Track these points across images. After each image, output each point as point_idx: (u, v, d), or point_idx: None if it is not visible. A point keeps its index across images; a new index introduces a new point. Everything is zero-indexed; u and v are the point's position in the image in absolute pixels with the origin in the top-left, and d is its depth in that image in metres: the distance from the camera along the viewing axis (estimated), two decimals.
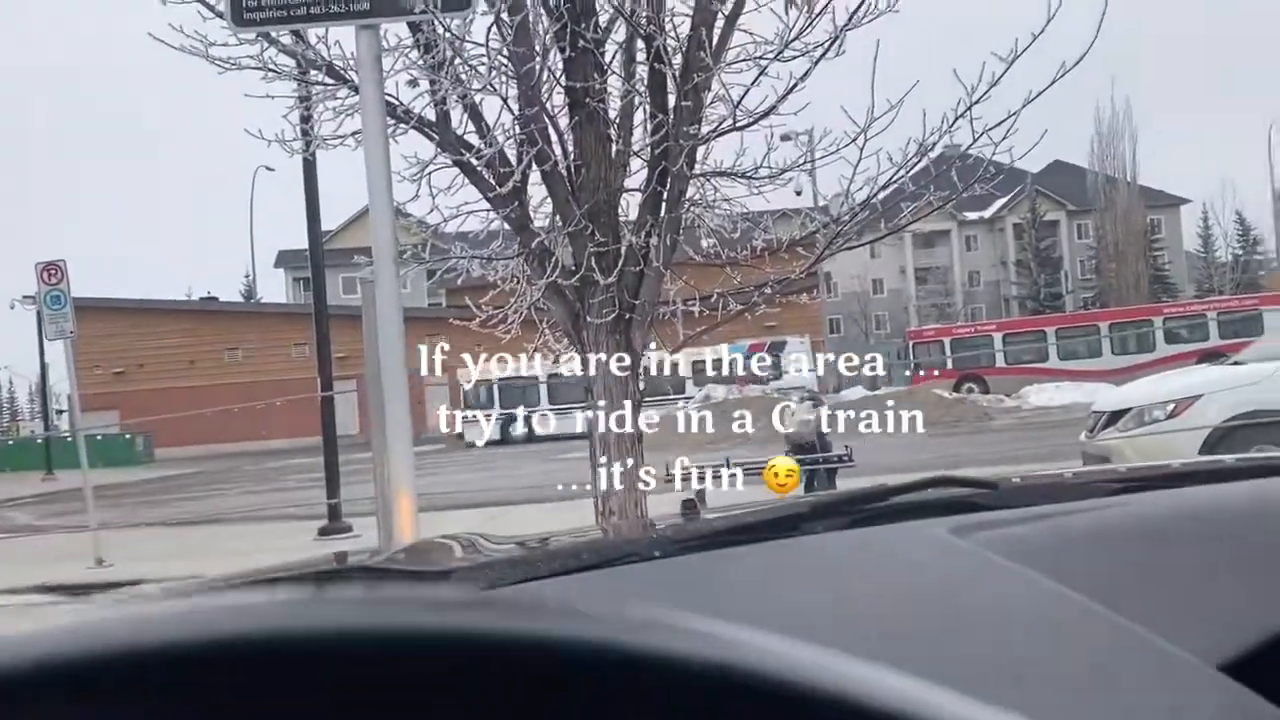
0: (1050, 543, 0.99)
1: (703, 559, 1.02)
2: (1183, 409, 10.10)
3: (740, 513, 1.32)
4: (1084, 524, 1.04)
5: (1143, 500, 1.13)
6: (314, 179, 14.24)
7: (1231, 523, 1.07)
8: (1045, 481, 1.42)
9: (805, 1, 4.16)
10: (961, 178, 5.04)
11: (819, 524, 1.07)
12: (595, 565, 1.01)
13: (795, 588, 0.95)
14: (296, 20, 4.06)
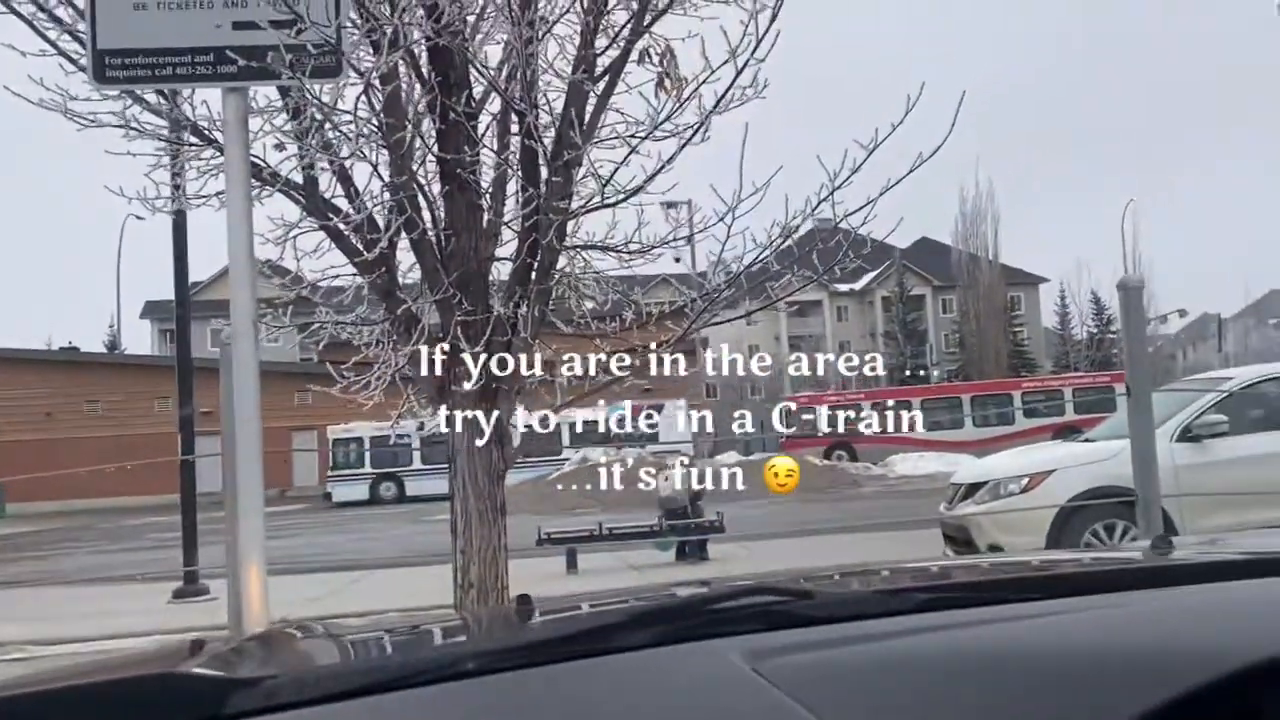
0: (851, 670, 1.00)
1: (484, 685, 1.02)
2: (1036, 483, 10.44)
3: (561, 618, 1.33)
4: (897, 651, 1.04)
5: (963, 619, 1.14)
6: (183, 233, 13.94)
7: (1058, 664, 1.04)
8: (860, 592, 1.45)
9: (674, 86, 4.26)
10: (830, 253, 5.17)
11: (626, 637, 1.08)
12: (401, 682, 1.01)
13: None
14: (162, 80, 4.00)
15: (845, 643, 1.06)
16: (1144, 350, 5.44)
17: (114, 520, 35.25)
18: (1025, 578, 1.49)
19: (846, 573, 1.64)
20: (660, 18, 4.44)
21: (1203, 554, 1.62)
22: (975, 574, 1.61)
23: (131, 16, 3.95)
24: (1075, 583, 1.35)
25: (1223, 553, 1.61)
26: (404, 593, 12.77)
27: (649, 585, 11.46)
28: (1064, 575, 1.50)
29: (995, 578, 1.47)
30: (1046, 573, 1.58)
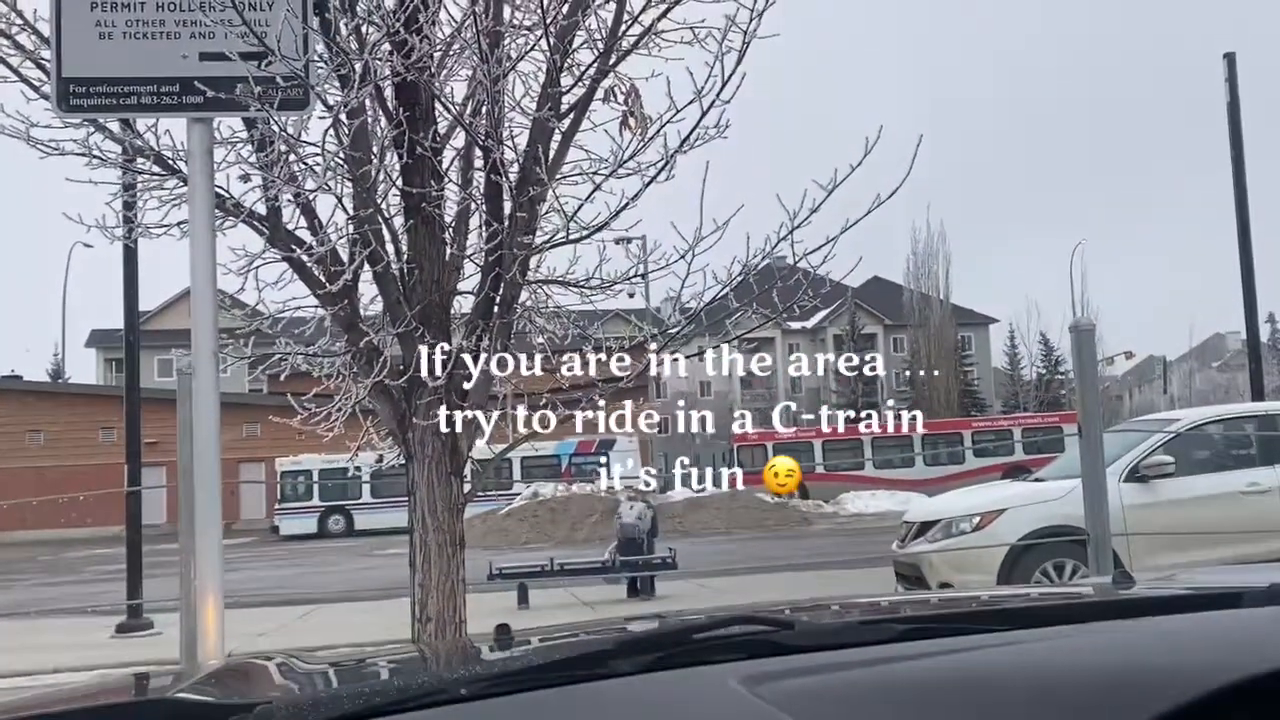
0: (844, 695, 1.02)
1: (485, 708, 1.03)
2: (987, 522, 10.55)
3: (545, 646, 1.33)
4: (876, 678, 1.07)
5: (944, 647, 1.16)
6: (134, 263, 13.78)
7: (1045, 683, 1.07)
8: (843, 622, 1.48)
9: (638, 125, 4.31)
10: (787, 291, 5.22)
11: (620, 663, 1.10)
12: (400, 706, 1.02)
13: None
14: (127, 109, 4.00)
15: (836, 669, 1.09)
16: (1095, 392, 5.54)
17: (55, 553, 34.58)
18: (1003, 609, 1.52)
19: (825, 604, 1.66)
20: (625, 58, 4.49)
21: (1163, 588, 1.66)
22: (951, 606, 1.64)
23: (97, 45, 3.95)
24: (1049, 614, 1.38)
25: (1182, 587, 1.65)
26: (354, 627, 12.64)
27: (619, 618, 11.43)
28: (1038, 607, 1.54)
29: (973, 609, 1.50)
30: (1020, 604, 1.62)
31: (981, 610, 1.47)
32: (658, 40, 4.50)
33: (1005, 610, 1.47)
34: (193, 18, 3.88)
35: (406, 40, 4.05)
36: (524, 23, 4.67)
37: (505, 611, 13.27)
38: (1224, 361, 76.58)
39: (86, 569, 26.92)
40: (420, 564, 4.57)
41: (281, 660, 1.55)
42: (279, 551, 31.38)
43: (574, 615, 13.39)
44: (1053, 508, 10.12)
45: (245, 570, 22.66)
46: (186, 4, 3.91)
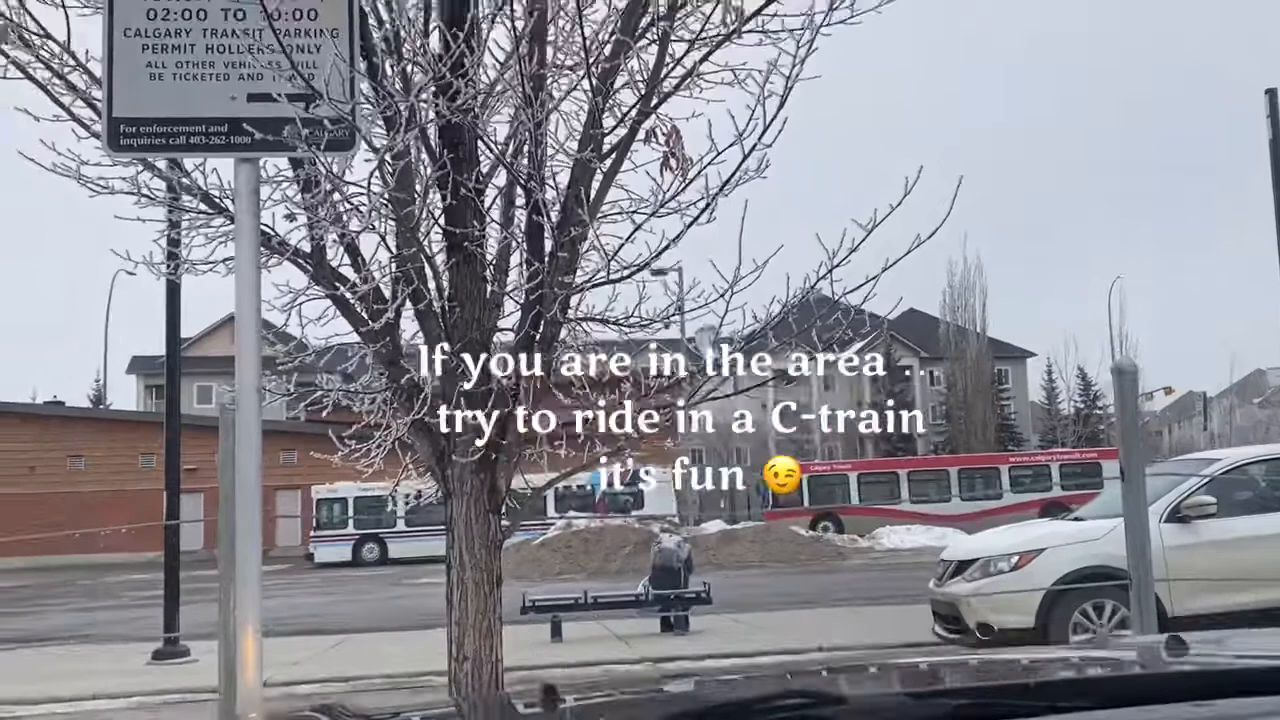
0: None
1: None
2: (1026, 561, 10.45)
3: (598, 705, 1.32)
4: None
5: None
6: (176, 297, 13.95)
7: None
8: (895, 694, 1.45)
9: (679, 165, 4.33)
10: (822, 330, 5.22)
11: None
12: None
13: None
14: (176, 149, 4.06)
15: None
16: (1138, 433, 5.49)
17: (93, 577, 34.88)
18: (1058, 681, 1.49)
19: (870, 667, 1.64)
20: (667, 99, 4.53)
21: (1222, 659, 1.62)
22: (1001, 677, 1.61)
23: (148, 86, 4.01)
24: (1107, 690, 1.36)
25: (1238, 653, 1.61)
26: (387, 658, 12.66)
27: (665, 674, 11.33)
28: (1091, 680, 1.51)
29: (1022, 682, 1.48)
30: (1074, 676, 1.58)
31: (1035, 684, 1.44)
32: (699, 82, 4.54)
33: (1060, 682, 1.44)
34: (241, 60, 3.94)
35: (452, 83, 4.10)
36: (566, 64, 4.72)
37: (539, 645, 13.25)
38: (1265, 397, 75.57)
39: (125, 594, 27.14)
40: (457, 601, 4.58)
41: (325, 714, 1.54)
42: (313, 579, 31.50)
43: (608, 649, 13.34)
44: (1093, 548, 10.01)
45: (279, 598, 22.75)
46: (235, 46, 3.97)
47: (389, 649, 13.93)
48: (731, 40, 4.42)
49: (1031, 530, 12.14)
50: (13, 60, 4.24)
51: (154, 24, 3.96)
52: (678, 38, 4.51)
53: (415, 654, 11.82)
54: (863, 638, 12.64)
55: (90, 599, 27.42)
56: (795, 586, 23.02)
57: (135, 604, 22.56)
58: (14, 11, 4.23)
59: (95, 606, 25.00)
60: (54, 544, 38.11)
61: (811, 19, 4.15)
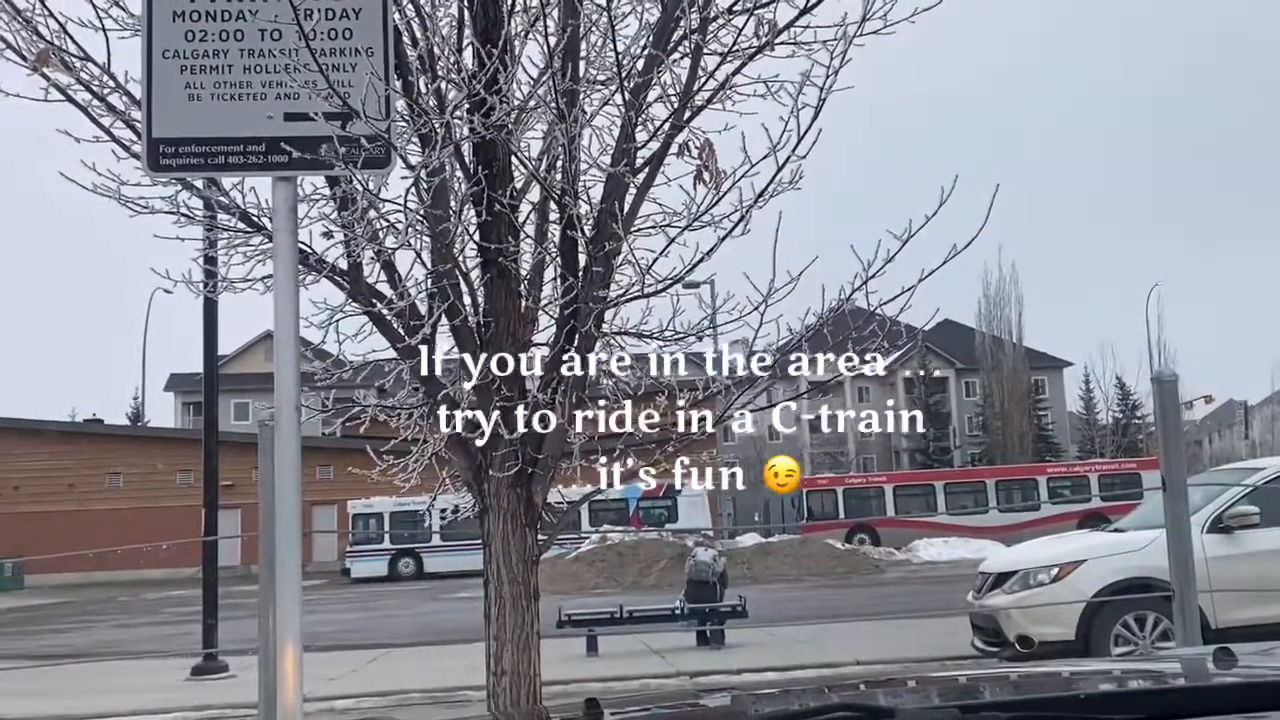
0: None
1: None
2: (1066, 573, 10.35)
3: (636, 715, 1.31)
4: None
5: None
6: (214, 314, 14.07)
7: None
8: (942, 707, 1.43)
9: (712, 179, 4.33)
10: (857, 341, 5.20)
11: None
12: None
13: None
14: (214, 168, 4.09)
15: None
16: (1180, 443, 5.43)
17: (132, 593, 35.19)
18: (1103, 694, 1.47)
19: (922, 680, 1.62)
20: (700, 112, 4.53)
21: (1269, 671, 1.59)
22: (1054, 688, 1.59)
23: (186, 106, 4.05)
24: (1156, 703, 1.34)
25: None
26: (424, 673, 12.68)
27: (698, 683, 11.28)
28: (1141, 693, 1.48)
29: (1073, 693, 1.46)
30: (1125, 687, 1.56)
31: (1086, 696, 1.42)
32: (732, 95, 4.54)
33: (1113, 695, 1.42)
34: (278, 79, 3.97)
35: (486, 99, 4.12)
36: (599, 78, 4.73)
37: (575, 659, 13.24)
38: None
39: (163, 610, 27.36)
40: (495, 616, 4.58)
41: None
42: (349, 594, 31.63)
43: (643, 664, 13.32)
44: (1134, 559, 9.91)
45: (316, 614, 22.86)
46: (272, 66, 4.01)
47: (426, 664, 13.97)
48: (764, 52, 4.41)
49: (1072, 541, 12.03)
50: (53, 83, 4.30)
51: (192, 45, 4.01)
52: (710, 51, 4.51)
53: (452, 669, 11.84)
54: (901, 651, 12.55)
55: (129, 615, 27.67)
56: (831, 600, 22.90)
57: (174, 620, 22.74)
58: (55, 35, 4.29)
59: (134, 623, 25.22)
60: (95, 561, 38.48)
61: (844, 30, 4.14)
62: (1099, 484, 38.85)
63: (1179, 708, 1.24)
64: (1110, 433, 66.92)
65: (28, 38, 4.23)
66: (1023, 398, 63.59)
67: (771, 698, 1.41)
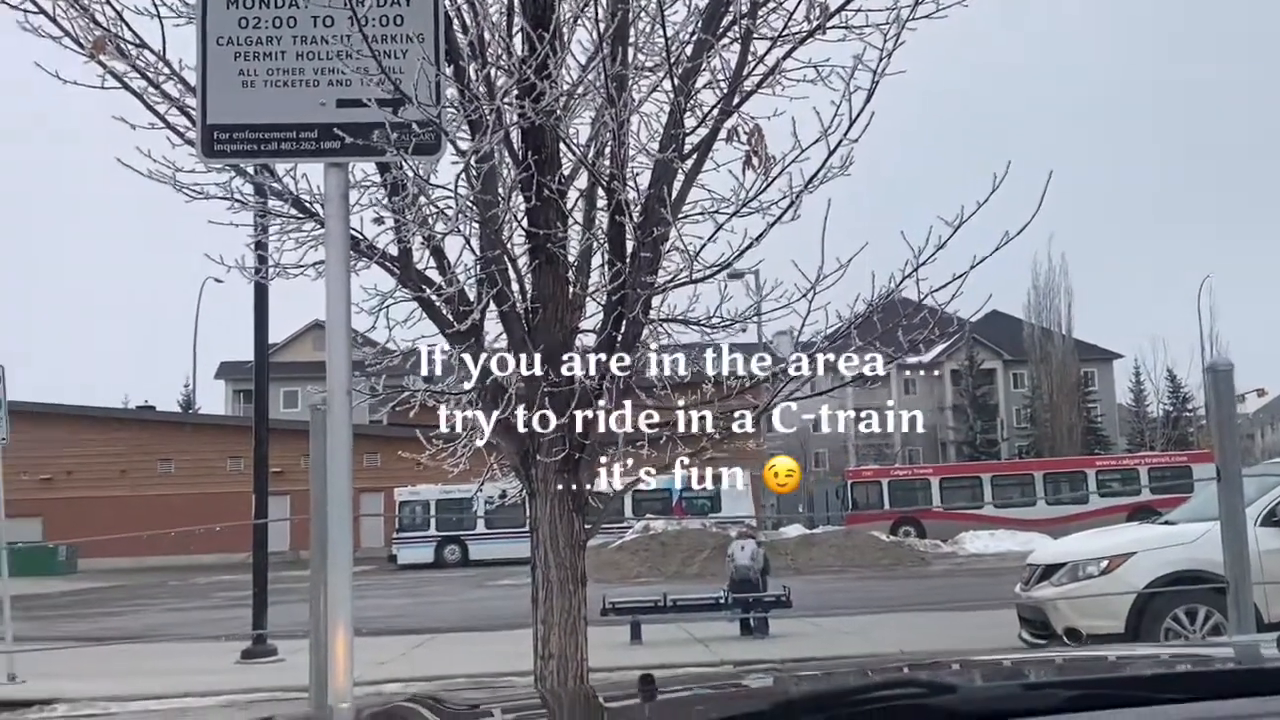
0: None
1: None
2: (1116, 565, 10.24)
3: (693, 697, 1.31)
4: None
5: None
6: (264, 301, 14.21)
7: None
8: (1004, 686, 1.41)
9: (762, 164, 4.31)
10: (906, 330, 5.16)
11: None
12: None
13: None
14: (267, 155, 4.14)
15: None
16: (1234, 434, 5.34)
17: (184, 578, 35.69)
18: (1176, 674, 1.45)
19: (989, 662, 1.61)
20: (749, 98, 4.51)
21: None
22: (1115, 670, 1.57)
23: (240, 93, 4.09)
24: (1221, 683, 1.31)
25: None
26: (470, 659, 12.77)
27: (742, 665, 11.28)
28: (1212, 672, 1.46)
29: (1134, 674, 1.44)
30: (1190, 669, 1.54)
31: (1149, 676, 1.40)
32: (782, 80, 4.51)
33: (1178, 675, 1.40)
34: (331, 66, 4.00)
35: (535, 85, 4.13)
36: (648, 65, 4.72)
37: (619, 647, 13.27)
38: None
39: (214, 594, 27.73)
40: (542, 600, 4.61)
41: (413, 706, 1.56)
42: (396, 580, 31.90)
43: (687, 653, 13.33)
44: (1185, 552, 9.78)
45: (364, 599, 23.08)
46: (325, 53, 4.04)
47: (472, 649, 14.06)
48: (815, 36, 4.39)
49: (1121, 534, 11.90)
50: (110, 70, 4.35)
51: (245, 32, 4.05)
52: (760, 35, 4.49)
53: (498, 654, 11.90)
54: (947, 644, 12.46)
55: (181, 599, 28.08)
56: (876, 591, 22.81)
57: (225, 604, 23.04)
58: (111, 22, 4.34)
59: (186, 607, 25.59)
60: (146, 545, 39.03)
61: (897, 13, 4.11)
62: (1149, 477, 38.38)
63: (1242, 688, 1.23)
64: (1160, 426, 66.06)
65: (85, 25, 4.29)
66: (1072, 390, 62.84)
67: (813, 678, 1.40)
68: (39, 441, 45.38)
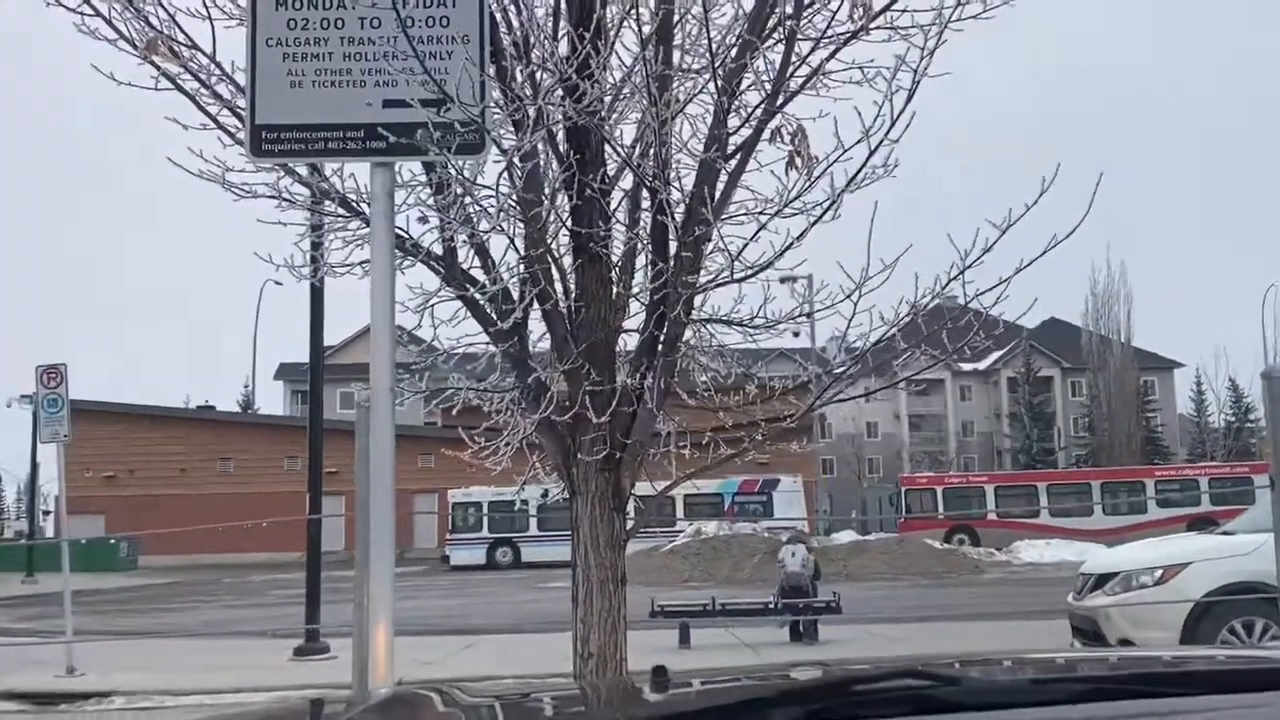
0: None
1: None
2: (1170, 576, 10.06)
3: (704, 690, 1.32)
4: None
5: (1113, 710, 1.10)
6: (320, 302, 14.40)
7: None
8: (1013, 680, 1.41)
9: (805, 164, 4.30)
10: (956, 333, 5.12)
11: (778, 712, 1.08)
12: None
13: None
14: (314, 154, 4.20)
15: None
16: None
17: (240, 576, 36.19)
18: (1190, 671, 1.42)
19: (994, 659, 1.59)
20: (793, 99, 4.50)
21: None
22: (1131, 666, 1.55)
23: (288, 94, 4.16)
24: (1243, 678, 1.29)
25: None
26: (517, 660, 12.82)
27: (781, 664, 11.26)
28: (1230, 670, 1.44)
29: (1156, 670, 1.42)
30: (1209, 666, 1.51)
31: (1166, 672, 1.38)
32: (825, 80, 4.50)
33: (1192, 673, 1.37)
34: (377, 66, 4.06)
35: (579, 85, 4.15)
36: (692, 66, 4.73)
37: (667, 650, 13.26)
38: None
39: (269, 592, 28.09)
40: (582, 599, 4.62)
41: (446, 691, 1.58)
42: (446, 582, 32.12)
43: (735, 657, 13.30)
44: (1242, 563, 9.59)
45: (415, 599, 23.25)
46: (371, 54, 4.10)
47: (520, 651, 14.12)
48: (859, 37, 4.37)
49: (1176, 544, 11.69)
50: (163, 71, 4.44)
51: (294, 33, 4.11)
52: (804, 36, 4.48)
53: (544, 655, 11.93)
54: (996, 650, 12.32)
55: (236, 596, 28.47)
56: (929, 599, 22.61)
57: (279, 602, 23.32)
58: (164, 24, 4.43)
59: (241, 604, 25.94)
60: (205, 543, 39.63)
61: (941, 13, 4.09)
62: (1209, 487, 37.67)
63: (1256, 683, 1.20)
64: (1222, 436, 64.86)
65: (139, 27, 4.38)
66: (1131, 399, 61.88)
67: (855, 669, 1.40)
68: (103, 440, 46.35)
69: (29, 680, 12.04)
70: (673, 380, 4.81)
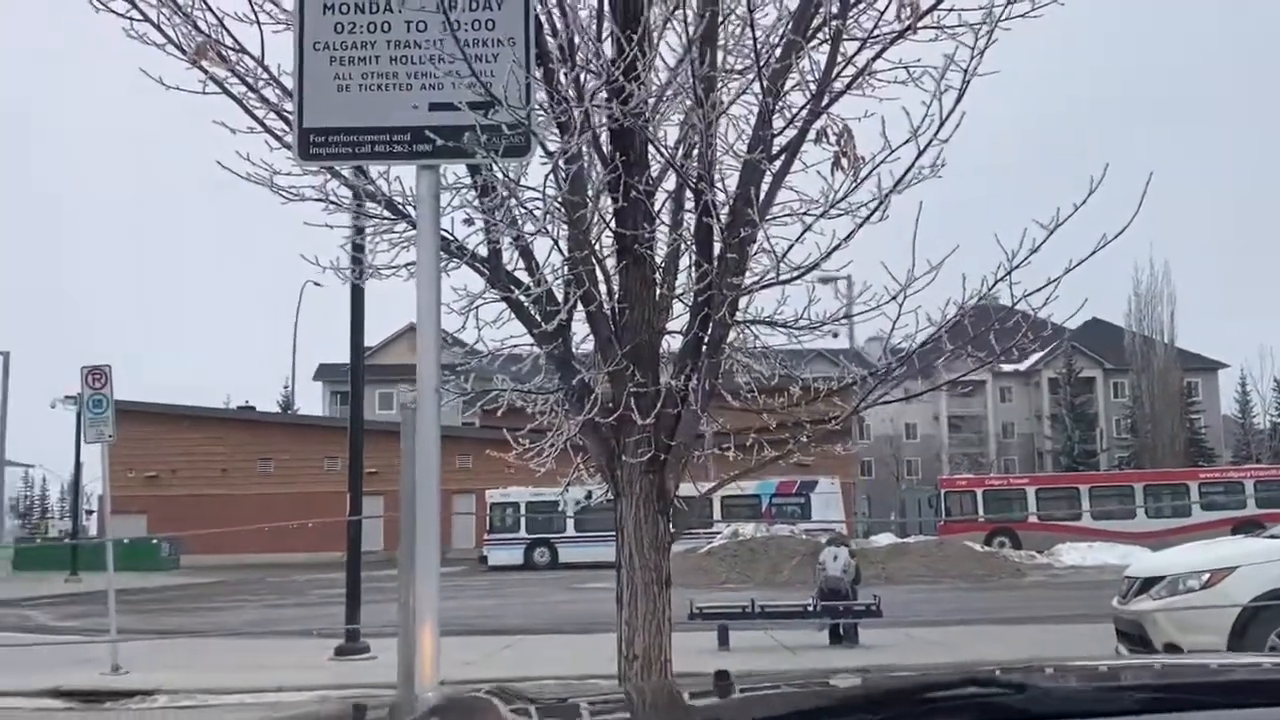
0: None
1: None
2: (1218, 580, 9.93)
3: (767, 696, 1.31)
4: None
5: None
6: (361, 303, 14.48)
7: None
8: (1075, 687, 1.39)
9: (851, 166, 4.28)
10: (1003, 335, 5.08)
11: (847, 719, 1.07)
12: None
13: None
14: (361, 157, 4.23)
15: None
16: None
17: (282, 575, 36.48)
18: (1253, 681, 1.40)
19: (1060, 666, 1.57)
20: (838, 99, 4.48)
21: None
22: (1195, 675, 1.52)
23: (335, 97, 4.18)
24: None
25: None
26: (556, 661, 12.85)
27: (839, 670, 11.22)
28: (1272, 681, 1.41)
29: (1220, 680, 1.39)
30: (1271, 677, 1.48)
31: (1230, 682, 1.35)
32: (871, 81, 4.47)
33: (1256, 683, 1.35)
34: (423, 70, 4.07)
35: (624, 87, 4.15)
36: (736, 66, 4.72)
37: (706, 652, 13.24)
38: None
39: (310, 592, 28.30)
40: (627, 601, 4.61)
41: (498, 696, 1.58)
42: (484, 582, 32.22)
43: (775, 660, 13.25)
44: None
45: (454, 599, 23.35)
46: (418, 57, 4.11)
47: (558, 652, 14.15)
48: (905, 37, 4.34)
49: (1223, 547, 11.54)
50: (211, 75, 4.47)
51: (341, 37, 4.13)
52: (850, 36, 4.45)
53: (583, 656, 11.97)
54: (1041, 656, 12.21)
55: (278, 596, 28.70)
56: (970, 602, 22.43)
57: (320, 601, 23.48)
58: (212, 29, 4.46)
59: (283, 603, 26.15)
60: (247, 543, 39.99)
61: (990, 12, 4.05)
62: (1255, 490, 37.15)
63: None
64: (1268, 437, 64.00)
65: (187, 32, 4.41)
66: (1174, 400, 61.17)
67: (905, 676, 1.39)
68: (145, 440, 46.88)
69: (75, 678, 12.19)
70: (717, 382, 4.79)
